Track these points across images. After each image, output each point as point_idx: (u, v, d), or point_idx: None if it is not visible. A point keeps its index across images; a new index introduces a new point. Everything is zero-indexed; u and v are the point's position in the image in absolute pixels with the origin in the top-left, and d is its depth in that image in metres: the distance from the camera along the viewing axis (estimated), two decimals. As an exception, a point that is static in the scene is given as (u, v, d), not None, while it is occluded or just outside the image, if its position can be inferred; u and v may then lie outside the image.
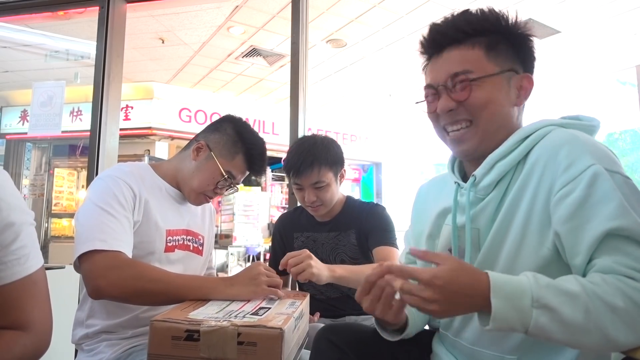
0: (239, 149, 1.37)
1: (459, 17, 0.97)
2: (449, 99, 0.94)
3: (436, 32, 0.97)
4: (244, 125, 1.42)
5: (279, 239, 1.82)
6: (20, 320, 0.80)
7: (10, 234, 0.78)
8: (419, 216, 1.14)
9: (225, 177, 1.35)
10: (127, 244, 1.16)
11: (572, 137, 0.85)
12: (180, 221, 1.38)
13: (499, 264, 0.89)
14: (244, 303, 1.12)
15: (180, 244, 1.36)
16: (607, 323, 0.70)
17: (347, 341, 0.98)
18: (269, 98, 6.94)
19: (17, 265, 0.79)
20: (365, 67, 5.71)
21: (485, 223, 0.92)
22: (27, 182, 6.74)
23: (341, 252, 1.68)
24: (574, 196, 0.79)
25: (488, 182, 0.91)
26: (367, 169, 8.76)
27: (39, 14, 2.95)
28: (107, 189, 1.20)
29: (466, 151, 0.97)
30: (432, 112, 0.99)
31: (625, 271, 0.73)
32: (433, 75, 0.98)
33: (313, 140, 1.65)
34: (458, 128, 0.95)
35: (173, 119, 6.31)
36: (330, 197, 1.63)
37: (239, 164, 1.37)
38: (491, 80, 0.92)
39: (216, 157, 1.35)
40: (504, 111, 0.94)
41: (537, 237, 0.84)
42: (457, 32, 0.94)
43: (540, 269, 0.82)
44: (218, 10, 4.24)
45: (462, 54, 0.94)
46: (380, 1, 4.12)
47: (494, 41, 0.94)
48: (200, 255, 1.44)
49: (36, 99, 2.67)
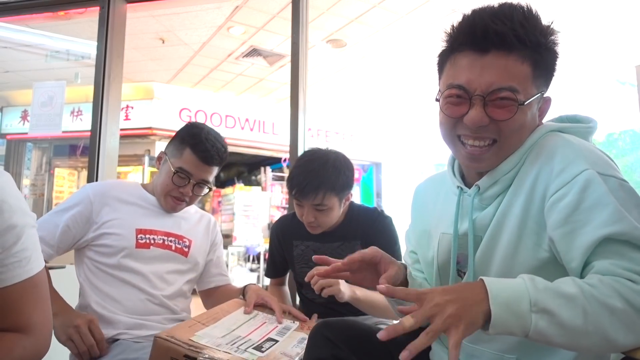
0: (185, 144, 1.47)
1: (514, 17, 0.84)
2: (484, 113, 0.84)
3: (493, 30, 0.82)
4: (194, 124, 1.55)
5: (277, 244, 1.76)
6: (21, 322, 0.80)
7: (12, 236, 0.78)
8: (420, 215, 1.13)
9: (175, 172, 1.45)
10: None
11: (566, 142, 0.85)
12: (159, 223, 1.50)
13: (494, 265, 0.89)
14: (253, 329, 1.14)
15: (158, 242, 1.47)
16: (606, 324, 0.69)
17: (342, 337, 0.98)
18: (269, 98, 6.94)
19: (18, 268, 0.79)
20: (365, 67, 5.71)
21: (483, 228, 0.91)
22: (27, 182, 6.74)
23: None
24: (566, 201, 0.79)
25: (492, 193, 0.91)
26: (367, 169, 8.75)
27: (39, 14, 2.95)
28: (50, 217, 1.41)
29: (482, 168, 0.92)
30: (454, 117, 0.88)
31: (623, 273, 0.72)
32: (469, 77, 0.85)
33: (325, 159, 1.52)
34: (480, 145, 0.87)
35: (173, 119, 6.31)
36: (329, 220, 1.56)
37: (188, 158, 1.46)
38: (530, 104, 0.86)
39: (169, 159, 1.49)
40: (527, 133, 0.89)
41: (534, 238, 0.84)
42: (513, 38, 0.82)
43: (538, 270, 0.82)
44: (218, 10, 4.24)
45: (511, 67, 0.83)
46: (380, 1, 4.12)
47: (539, 59, 0.86)
48: (185, 256, 1.51)
49: (37, 99, 2.67)
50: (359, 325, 1.07)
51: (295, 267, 1.70)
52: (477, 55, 0.84)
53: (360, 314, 1.63)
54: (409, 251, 1.18)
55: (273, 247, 1.78)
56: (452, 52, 0.89)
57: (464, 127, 0.87)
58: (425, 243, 1.07)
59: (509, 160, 0.89)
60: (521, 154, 0.89)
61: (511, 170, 0.90)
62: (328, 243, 1.64)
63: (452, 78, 0.88)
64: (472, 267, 0.91)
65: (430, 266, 1.06)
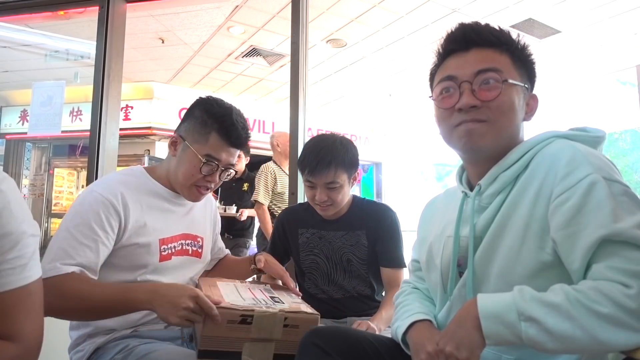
0: (209, 128, 1.30)
1: (488, 25, 0.98)
2: (473, 96, 0.92)
3: (470, 30, 0.96)
4: (211, 102, 1.35)
5: (281, 232, 1.79)
6: (11, 330, 0.79)
7: (8, 242, 0.77)
8: (426, 225, 1.17)
9: (205, 162, 1.29)
10: (83, 261, 1.15)
11: (573, 147, 0.86)
12: (177, 226, 1.36)
13: (494, 266, 0.90)
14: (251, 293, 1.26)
15: (177, 250, 1.35)
16: (595, 327, 0.72)
17: (332, 344, 0.98)
18: (269, 98, 6.94)
19: (11, 275, 0.78)
20: (365, 67, 5.70)
21: (484, 230, 0.93)
22: (27, 182, 6.74)
23: (348, 252, 1.66)
24: (570, 204, 0.80)
25: (492, 191, 0.93)
26: (367, 169, 8.75)
27: (39, 14, 2.95)
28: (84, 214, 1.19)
29: (477, 146, 0.94)
30: (448, 108, 0.96)
31: (615, 277, 0.74)
32: (456, 69, 0.96)
33: (332, 139, 1.62)
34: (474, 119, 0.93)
35: (173, 119, 6.30)
36: (341, 198, 1.62)
37: (215, 142, 1.30)
38: (516, 88, 0.94)
39: (191, 144, 1.30)
40: (517, 122, 0.95)
41: (537, 241, 0.85)
42: (491, 35, 0.95)
43: (539, 273, 0.84)
44: (218, 10, 4.23)
45: (492, 55, 0.94)
46: (380, 1, 4.11)
47: (516, 52, 0.96)
48: (199, 258, 1.43)
49: (36, 98, 2.67)
50: (350, 332, 1.08)
51: (300, 255, 1.73)
52: (460, 54, 0.97)
53: (362, 314, 1.64)
54: (412, 259, 1.23)
55: (276, 236, 1.81)
56: (440, 63, 1.01)
57: (458, 114, 0.94)
58: (425, 251, 1.10)
59: (508, 157, 0.93)
60: (519, 153, 0.93)
61: (510, 167, 0.92)
62: (333, 231, 1.69)
63: (440, 76, 0.99)
64: (471, 268, 0.92)
65: (429, 272, 1.09)
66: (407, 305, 1.10)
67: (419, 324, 1.02)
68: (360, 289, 1.67)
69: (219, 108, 1.32)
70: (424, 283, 1.16)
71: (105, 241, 1.19)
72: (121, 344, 1.22)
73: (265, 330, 1.09)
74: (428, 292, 1.14)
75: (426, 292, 1.15)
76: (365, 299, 1.68)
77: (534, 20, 4.38)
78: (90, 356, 1.24)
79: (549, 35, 4.70)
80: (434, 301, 1.11)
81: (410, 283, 1.21)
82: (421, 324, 1.02)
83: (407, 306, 1.10)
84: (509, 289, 0.82)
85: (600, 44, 4.95)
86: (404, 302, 1.13)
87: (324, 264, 1.68)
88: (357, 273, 1.66)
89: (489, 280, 0.91)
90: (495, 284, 0.90)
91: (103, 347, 1.24)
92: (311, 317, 1.12)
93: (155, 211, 1.32)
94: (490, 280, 0.91)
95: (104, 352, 1.23)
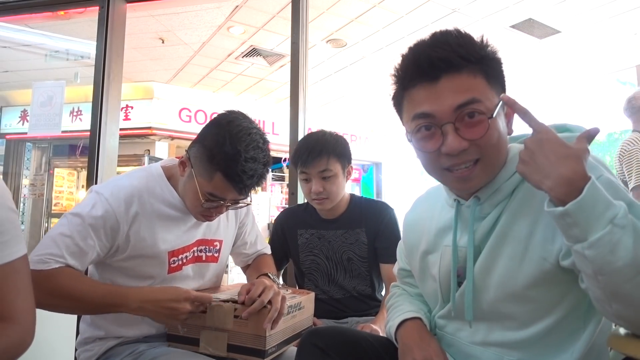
0: (215, 167, 1.13)
1: (450, 41, 0.85)
2: (459, 138, 0.82)
3: (437, 58, 0.83)
4: (224, 134, 1.14)
5: (280, 234, 1.79)
6: (3, 311, 0.78)
7: None
8: (412, 229, 1.12)
9: (207, 200, 1.17)
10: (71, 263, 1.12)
11: None
12: (191, 236, 1.30)
13: (495, 276, 0.89)
14: None
15: (189, 259, 1.31)
16: None
17: (331, 344, 0.98)
18: (269, 98, 6.94)
19: None
20: (365, 67, 5.70)
21: (483, 239, 0.91)
22: (27, 182, 6.73)
23: (348, 250, 1.66)
24: None
25: (493, 201, 0.91)
26: (367, 169, 8.76)
27: (39, 14, 2.95)
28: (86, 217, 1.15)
29: (473, 188, 0.90)
30: (432, 152, 0.86)
31: None
32: (430, 104, 0.84)
33: (322, 133, 1.69)
34: (466, 166, 0.86)
35: (173, 119, 6.30)
36: (336, 189, 1.62)
37: (219, 184, 1.14)
38: (498, 113, 0.84)
39: (196, 176, 1.17)
40: (506, 143, 0.89)
41: (540, 252, 0.84)
42: (458, 59, 0.82)
43: (540, 282, 0.84)
44: (218, 10, 4.23)
45: (465, 83, 0.83)
46: (380, 1, 4.11)
47: (488, 69, 0.86)
48: (216, 262, 1.41)
49: (36, 98, 2.67)
50: (348, 332, 1.08)
51: (299, 256, 1.73)
52: (430, 85, 0.84)
53: (363, 314, 1.64)
54: (400, 268, 1.20)
55: (275, 238, 1.81)
56: (404, 90, 0.89)
57: (445, 157, 0.86)
58: (417, 259, 1.07)
59: (507, 167, 0.89)
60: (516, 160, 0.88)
61: (511, 177, 0.89)
62: (332, 231, 1.69)
63: (413, 111, 0.87)
64: (471, 278, 0.91)
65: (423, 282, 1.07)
66: (399, 306, 1.11)
67: (409, 322, 1.02)
68: (361, 289, 1.67)
69: (230, 146, 1.12)
70: (415, 289, 1.15)
71: (98, 249, 1.17)
72: (131, 347, 1.23)
73: (217, 320, 1.18)
74: (419, 296, 1.14)
75: (417, 296, 1.15)
76: (365, 298, 1.68)
77: (534, 20, 4.38)
78: (99, 357, 1.25)
79: (548, 35, 4.69)
80: (426, 302, 1.11)
81: (399, 287, 1.21)
82: (411, 322, 1.02)
83: (399, 306, 1.10)
84: (509, 298, 0.82)
85: (600, 44, 4.94)
86: (395, 303, 1.14)
87: (324, 264, 1.68)
88: (357, 272, 1.66)
89: (488, 290, 0.90)
90: (495, 293, 0.89)
91: (113, 349, 1.25)
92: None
93: (169, 222, 1.25)
94: (490, 290, 0.90)
95: (113, 355, 1.24)
